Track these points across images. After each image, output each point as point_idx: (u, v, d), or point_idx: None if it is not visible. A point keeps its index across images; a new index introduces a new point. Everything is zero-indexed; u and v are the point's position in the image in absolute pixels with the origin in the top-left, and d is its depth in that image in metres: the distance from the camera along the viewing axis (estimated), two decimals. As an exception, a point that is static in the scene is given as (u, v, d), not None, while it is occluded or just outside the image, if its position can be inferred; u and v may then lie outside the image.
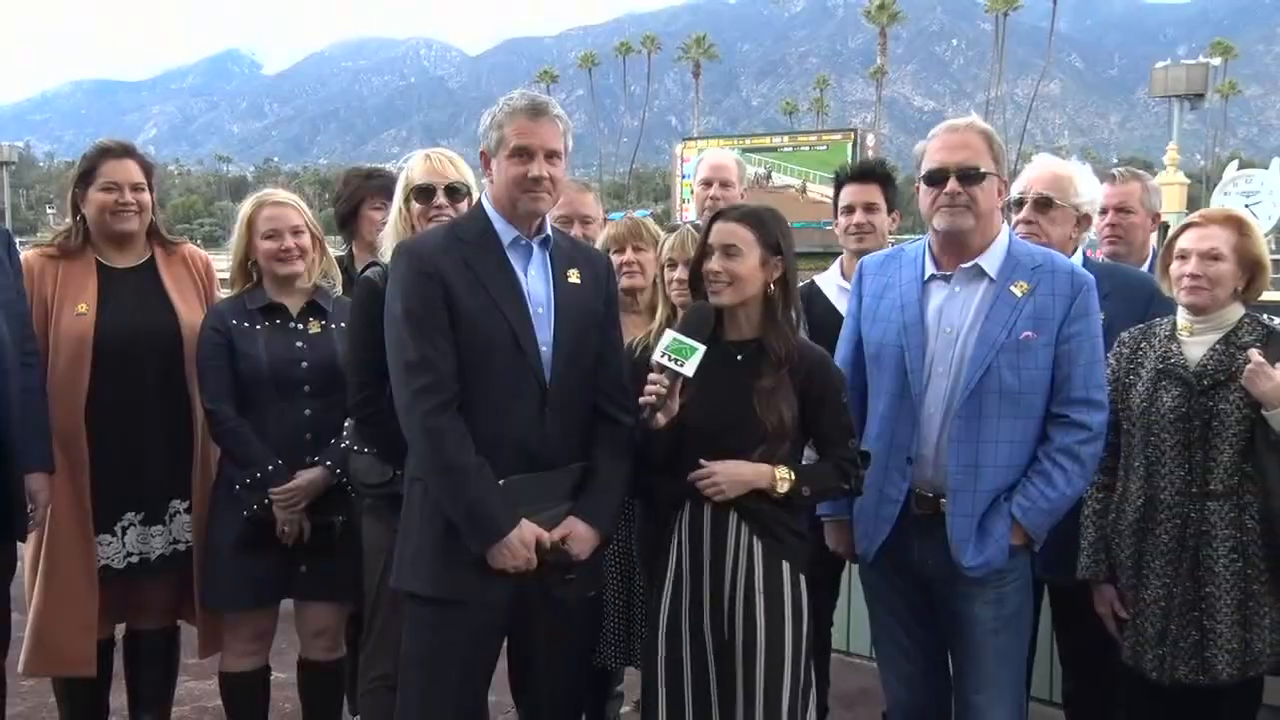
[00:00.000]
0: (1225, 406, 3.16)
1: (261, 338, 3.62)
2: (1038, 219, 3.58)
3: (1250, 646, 3.16)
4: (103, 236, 3.76)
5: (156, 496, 3.74)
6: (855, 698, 4.64)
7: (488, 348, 2.91)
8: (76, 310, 3.63)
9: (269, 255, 3.65)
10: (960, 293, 3.11)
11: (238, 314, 3.67)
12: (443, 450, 2.85)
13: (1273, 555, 3.15)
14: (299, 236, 3.66)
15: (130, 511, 3.71)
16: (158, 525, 3.75)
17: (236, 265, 3.74)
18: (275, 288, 3.70)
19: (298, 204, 3.77)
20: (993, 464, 3.02)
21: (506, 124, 2.96)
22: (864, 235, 4.02)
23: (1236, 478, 3.18)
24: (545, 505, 2.94)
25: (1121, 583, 3.29)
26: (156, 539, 3.75)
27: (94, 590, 3.65)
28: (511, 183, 2.95)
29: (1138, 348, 3.35)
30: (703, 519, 3.02)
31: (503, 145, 2.95)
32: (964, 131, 3.14)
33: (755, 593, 2.97)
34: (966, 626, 3.09)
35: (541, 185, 2.94)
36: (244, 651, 3.75)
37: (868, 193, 4.00)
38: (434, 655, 2.95)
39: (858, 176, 4.08)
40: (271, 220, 3.66)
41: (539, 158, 2.94)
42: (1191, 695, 3.24)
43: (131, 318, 3.70)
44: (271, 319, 3.66)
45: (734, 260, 2.99)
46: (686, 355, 2.90)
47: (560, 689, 3.20)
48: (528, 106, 2.97)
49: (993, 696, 3.10)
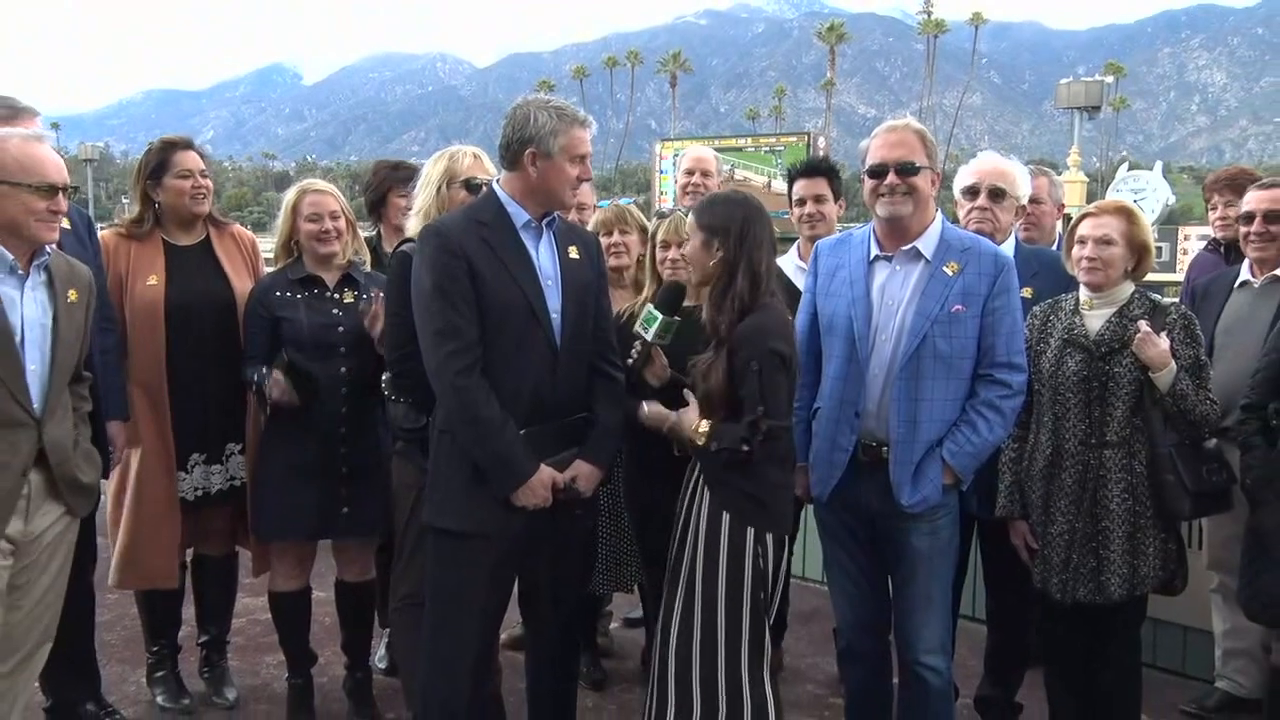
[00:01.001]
0: (1119, 370, 3.17)
1: (301, 306, 3.60)
2: (991, 207, 3.55)
3: (1137, 571, 3.18)
4: (173, 219, 3.76)
5: (216, 439, 3.76)
6: (810, 615, 4.68)
7: (506, 314, 2.89)
8: (148, 281, 3.64)
9: (310, 236, 3.64)
10: (900, 271, 3.09)
11: (280, 286, 3.65)
12: (471, 406, 2.83)
13: (1156, 495, 3.17)
14: (336, 220, 3.65)
15: (196, 452, 3.73)
16: (217, 464, 3.77)
17: (281, 244, 3.73)
18: (314, 263, 3.67)
19: (335, 192, 3.75)
20: (929, 419, 3.01)
21: (563, 132, 2.91)
22: (815, 223, 4.01)
23: (1128, 430, 3.19)
24: (557, 450, 2.94)
25: (1032, 519, 3.30)
26: (216, 476, 3.77)
27: (177, 515, 3.70)
28: (566, 182, 2.94)
29: (1047, 320, 3.35)
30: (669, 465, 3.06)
31: (562, 151, 2.91)
32: (901, 131, 3.11)
33: (700, 535, 2.97)
34: (905, 555, 3.09)
35: (582, 184, 3.00)
36: (288, 575, 3.75)
37: (816, 186, 3.97)
38: (461, 582, 2.95)
39: (807, 172, 4.05)
40: (314, 206, 3.65)
41: (587, 162, 2.97)
42: (1090, 611, 3.26)
43: (193, 287, 3.70)
44: (310, 290, 3.64)
45: (683, 247, 3.06)
46: (650, 323, 2.99)
47: (562, 608, 3.21)
48: (583, 119, 2.96)
49: (926, 614, 3.11)
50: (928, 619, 3.11)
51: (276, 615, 3.82)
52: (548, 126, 2.90)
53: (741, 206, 3.04)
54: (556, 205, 3.00)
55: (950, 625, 3.24)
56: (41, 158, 2.76)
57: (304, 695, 3.80)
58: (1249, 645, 3.93)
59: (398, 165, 4.18)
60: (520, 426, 2.87)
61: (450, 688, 2.98)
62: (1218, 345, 3.72)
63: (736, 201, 3.09)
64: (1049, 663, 3.54)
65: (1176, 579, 3.27)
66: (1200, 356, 3.22)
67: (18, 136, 2.80)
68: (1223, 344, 3.72)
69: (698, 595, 2.94)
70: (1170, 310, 3.27)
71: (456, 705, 2.99)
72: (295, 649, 3.82)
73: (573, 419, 3.01)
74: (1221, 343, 3.73)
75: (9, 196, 2.71)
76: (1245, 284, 3.84)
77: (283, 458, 3.60)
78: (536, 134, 2.91)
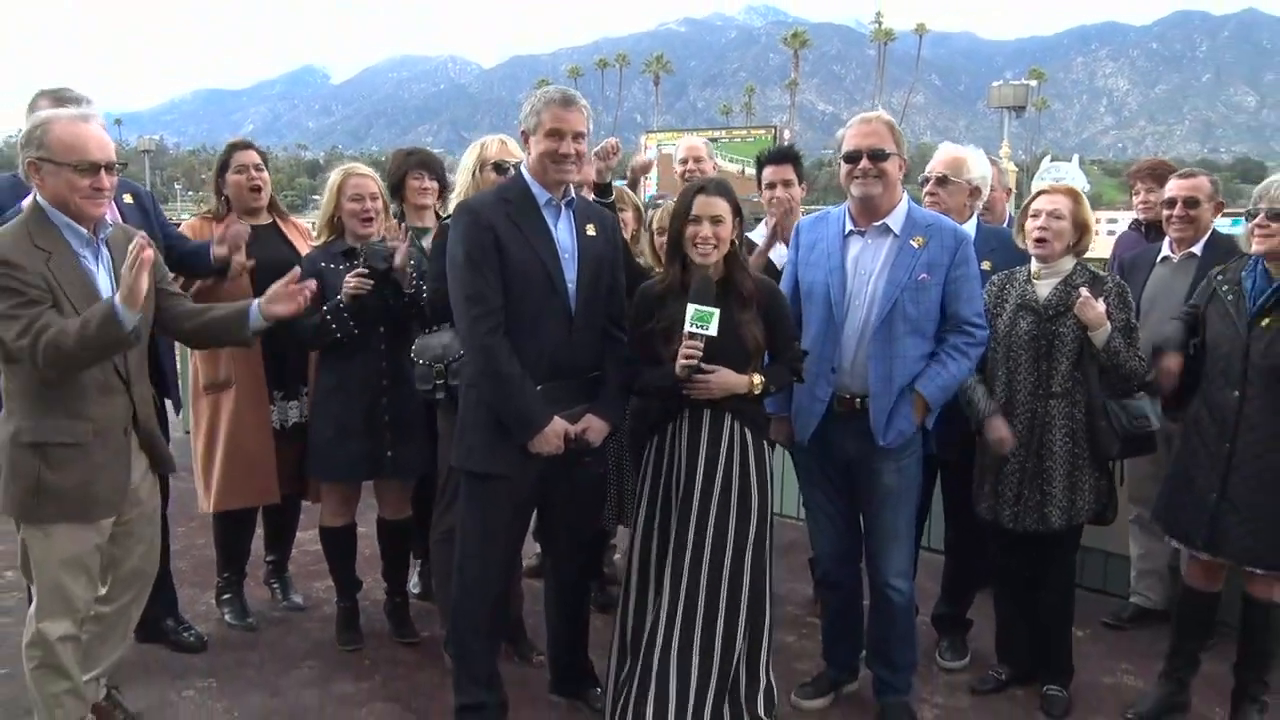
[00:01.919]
0: (1063, 330, 3.14)
1: (344, 274, 3.50)
2: (938, 191, 3.53)
3: (1075, 504, 3.18)
4: (240, 207, 3.75)
5: (292, 380, 3.74)
6: (786, 548, 4.64)
7: (528, 284, 2.82)
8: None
9: (352, 214, 3.57)
10: (872, 245, 3.05)
11: (326, 258, 3.58)
12: (494, 362, 2.77)
13: (1092, 438, 3.16)
14: (375, 201, 3.59)
15: (275, 390, 3.73)
16: (294, 401, 3.76)
17: (325, 220, 3.66)
18: (354, 238, 3.60)
19: (375, 176, 3.69)
20: (901, 373, 2.98)
21: (544, 111, 2.83)
22: (787, 204, 3.92)
23: (1070, 383, 3.16)
24: (570, 404, 2.89)
25: (986, 460, 3.28)
26: (292, 410, 3.76)
27: (272, 440, 3.69)
28: (545, 156, 2.83)
29: (1003, 288, 3.31)
30: (702, 421, 2.94)
31: (540, 127, 2.83)
32: (873, 122, 3.07)
33: (749, 465, 2.95)
34: (875, 493, 3.07)
35: (569, 160, 2.84)
36: (335, 512, 3.71)
37: (783, 171, 3.86)
38: (485, 517, 2.91)
39: (775, 159, 3.93)
40: (356, 188, 3.58)
41: (568, 138, 2.82)
42: (1033, 540, 3.26)
43: (268, 254, 3.65)
44: (350, 260, 3.55)
45: (720, 226, 2.88)
46: (708, 321, 2.80)
47: (575, 541, 3.19)
48: (560, 98, 2.86)
49: (894, 543, 3.10)
50: (895, 548, 3.10)
51: (326, 547, 3.79)
52: (532, 109, 2.87)
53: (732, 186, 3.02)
54: (550, 181, 2.88)
55: (913, 554, 3.23)
56: (85, 136, 2.56)
57: (351, 616, 3.79)
58: (1158, 566, 4.02)
59: (411, 151, 4.14)
60: (539, 383, 2.82)
61: (477, 608, 2.96)
62: (1143, 311, 3.69)
63: (729, 182, 3.05)
64: (998, 585, 3.54)
65: (1108, 511, 3.27)
66: (1131, 320, 3.20)
67: (65, 116, 2.61)
68: (1147, 310, 3.71)
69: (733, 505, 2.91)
70: (1106, 280, 3.25)
71: (483, 622, 2.98)
72: (343, 577, 3.79)
73: (585, 377, 2.95)
74: (1146, 309, 3.71)
75: (55, 175, 2.55)
76: (1166, 259, 3.83)
77: (334, 409, 3.54)
78: (526, 118, 2.88)
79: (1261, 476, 2.94)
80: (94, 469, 2.62)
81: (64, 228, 2.61)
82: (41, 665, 2.69)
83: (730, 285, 2.92)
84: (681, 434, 2.96)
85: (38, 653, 2.69)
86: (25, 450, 2.56)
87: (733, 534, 2.91)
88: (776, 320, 2.98)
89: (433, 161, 3.95)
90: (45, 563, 2.64)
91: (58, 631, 2.66)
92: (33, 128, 2.59)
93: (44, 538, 2.62)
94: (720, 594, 2.90)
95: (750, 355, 2.92)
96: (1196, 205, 3.72)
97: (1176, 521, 3.16)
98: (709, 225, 2.86)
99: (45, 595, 2.66)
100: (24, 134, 2.61)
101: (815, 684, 3.36)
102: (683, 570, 2.90)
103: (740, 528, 2.91)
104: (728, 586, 2.90)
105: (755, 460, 2.95)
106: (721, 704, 2.90)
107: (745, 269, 2.99)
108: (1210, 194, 3.75)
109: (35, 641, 2.68)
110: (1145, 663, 3.55)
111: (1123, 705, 3.33)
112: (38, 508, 2.58)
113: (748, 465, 2.94)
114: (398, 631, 3.77)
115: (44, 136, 2.55)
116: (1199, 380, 3.14)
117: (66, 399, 2.57)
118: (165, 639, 3.60)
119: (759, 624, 2.97)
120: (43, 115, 2.63)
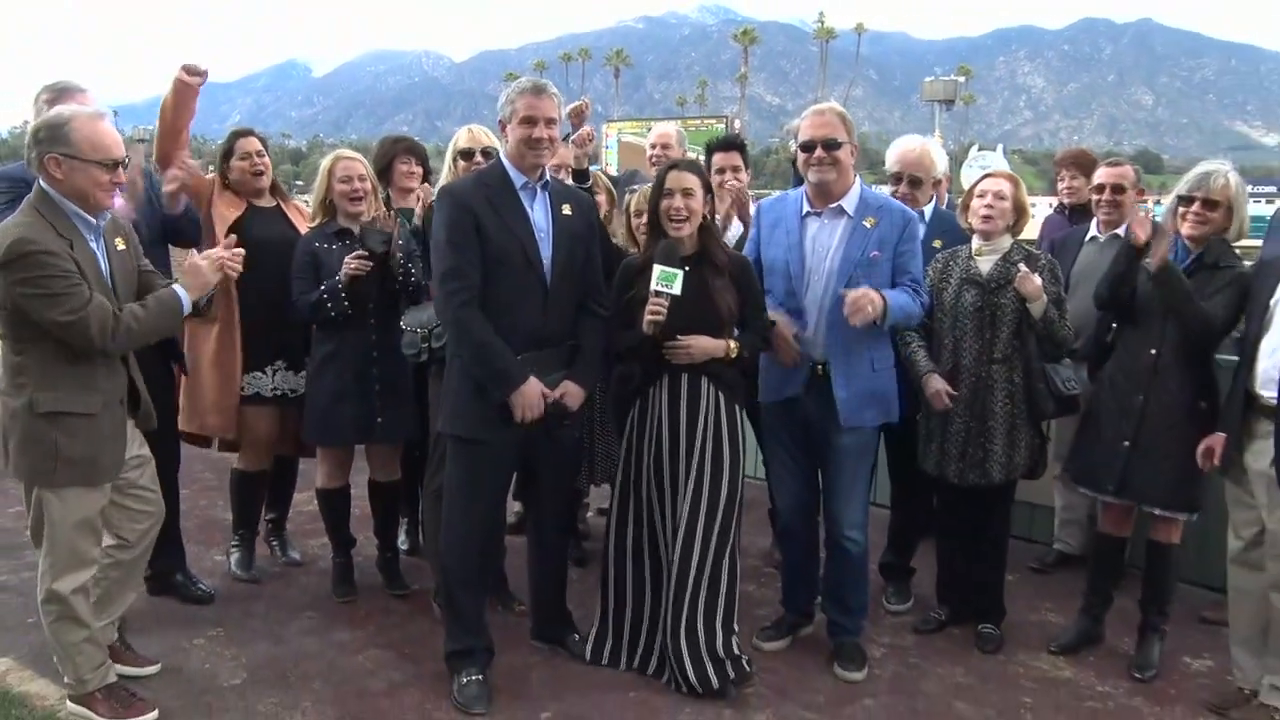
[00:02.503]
0: (1004, 302, 3.15)
1: (337, 253, 3.44)
2: (912, 192, 3.51)
3: (1013, 460, 3.21)
4: (245, 191, 3.66)
5: (296, 351, 3.63)
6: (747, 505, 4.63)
7: (505, 260, 2.77)
8: (231, 219, 3.56)
9: (342, 195, 3.49)
10: (828, 225, 3.03)
11: (320, 238, 3.50)
12: (468, 332, 2.74)
13: (1029, 399, 3.18)
14: (363, 182, 3.51)
15: (279, 359, 3.63)
16: (299, 371, 3.65)
17: (318, 202, 3.57)
18: (345, 218, 3.51)
19: (362, 159, 3.61)
20: (856, 339, 2.98)
21: (517, 100, 2.80)
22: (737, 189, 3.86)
23: (1010, 349, 3.18)
24: (548, 372, 2.84)
25: (933, 422, 3.28)
26: (296, 380, 3.65)
27: (235, 384, 3.58)
28: (520, 142, 2.79)
29: (947, 264, 3.31)
30: (680, 385, 2.94)
31: (514, 115, 2.79)
32: (826, 114, 3.06)
33: (723, 426, 2.94)
34: (834, 452, 3.07)
35: (542, 144, 2.79)
36: (331, 475, 3.65)
37: (731, 158, 3.77)
38: (469, 478, 2.88)
39: (723, 146, 3.83)
40: (345, 170, 3.50)
41: (540, 124, 2.77)
42: (974, 493, 3.28)
43: (273, 232, 3.58)
44: (343, 240, 3.48)
45: (691, 199, 2.88)
46: (672, 280, 2.78)
47: (556, 500, 3.16)
48: (532, 87, 2.82)
49: (850, 499, 3.11)
50: (851, 503, 3.10)
51: (323, 508, 3.73)
52: (507, 100, 2.84)
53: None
54: (526, 165, 2.82)
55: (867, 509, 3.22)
56: (106, 135, 2.56)
57: (346, 570, 3.72)
58: (1079, 516, 4.09)
59: (398, 139, 4.10)
60: (517, 353, 2.77)
61: (465, 561, 2.93)
62: (1072, 286, 3.71)
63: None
64: (940, 535, 3.56)
65: (1039, 466, 3.30)
66: (1061, 293, 3.23)
67: (84, 115, 2.58)
68: (1075, 285, 3.72)
69: (708, 464, 2.91)
70: (1040, 257, 3.27)
71: (470, 574, 2.95)
72: (338, 535, 3.73)
73: (562, 347, 2.91)
74: (1074, 284, 3.73)
75: (80, 170, 2.52)
76: (1093, 239, 3.85)
77: (327, 379, 3.47)
78: (502, 108, 2.86)
79: (1170, 423, 3.01)
80: (101, 437, 2.62)
81: (74, 216, 2.58)
82: (60, 619, 2.67)
83: (705, 256, 2.92)
84: (661, 397, 2.95)
85: (55, 607, 2.66)
86: (41, 420, 2.54)
87: (707, 490, 2.90)
88: (747, 290, 2.97)
89: (418, 148, 3.93)
90: (61, 524, 2.61)
91: (71, 585, 2.64)
92: (53, 125, 2.53)
93: (59, 502, 2.60)
94: (694, 547, 2.89)
95: (723, 320, 2.90)
96: (1122, 191, 3.75)
97: (1088, 470, 3.20)
98: (681, 198, 2.87)
99: (60, 554, 2.63)
100: (41, 129, 2.54)
101: (775, 627, 3.36)
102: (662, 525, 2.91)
103: (714, 484, 2.91)
104: (700, 540, 2.89)
105: (729, 421, 2.95)
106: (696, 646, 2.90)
107: (719, 242, 3.00)
108: (1134, 181, 3.80)
109: (51, 597, 2.65)
110: (1066, 602, 3.61)
111: (1047, 639, 3.38)
112: (54, 473, 2.57)
113: (720, 426, 2.93)
114: (389, 584, 3.72)
115: (69, 134, 2.51)
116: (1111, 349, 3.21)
117: (81, 374, 2.57)
118: (175, 592, 3.56)
119: (731, 574, 2.97)
120: (63, 113, 2.58)
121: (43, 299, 2.44)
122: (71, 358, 2.54)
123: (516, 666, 3.09)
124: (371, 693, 2.95)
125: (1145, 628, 3.23)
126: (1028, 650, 3.33)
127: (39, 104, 3.04)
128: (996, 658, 3.28)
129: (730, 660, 2.93)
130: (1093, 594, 3.35)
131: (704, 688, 2.88)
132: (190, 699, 2.89)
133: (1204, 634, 3.44)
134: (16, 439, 2.57)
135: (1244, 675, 2.95)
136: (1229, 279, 2.96)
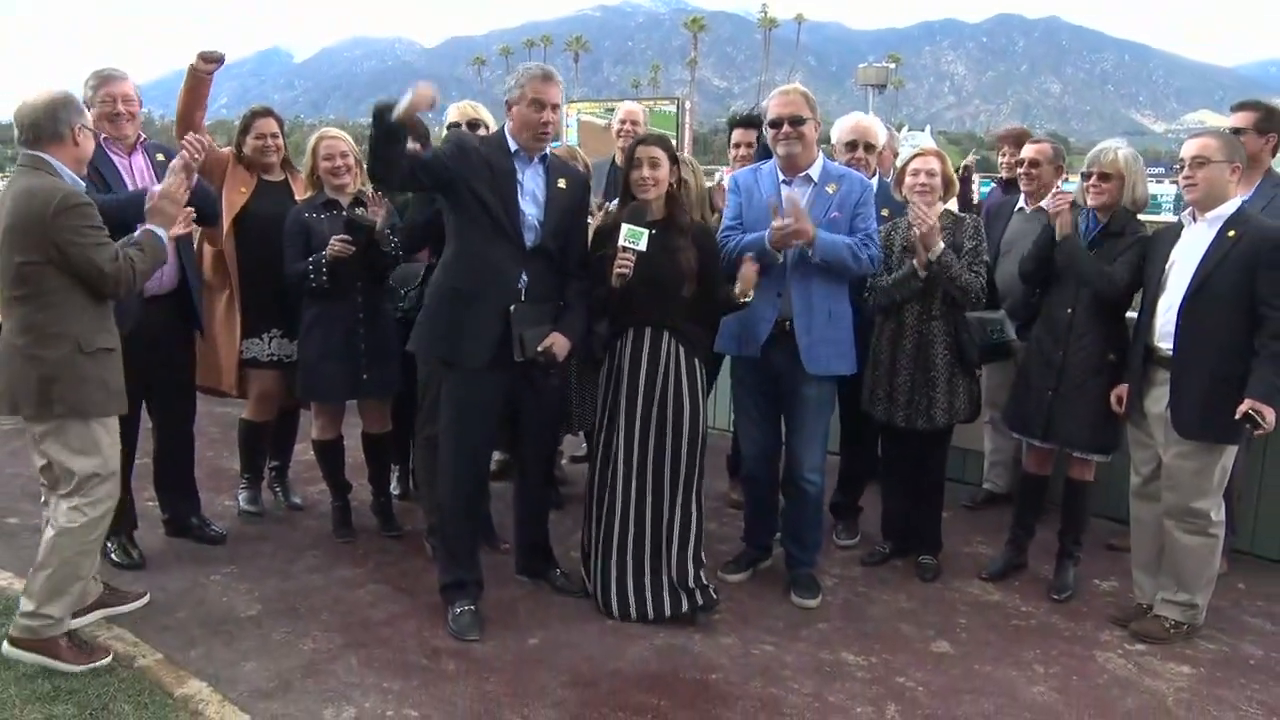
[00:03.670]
0: None
1: (326, 223, 3.38)
2: (866, 156, 3.56)
3: (954, 406, 3.27)
4: (259, 165, 3.59)
5: (292, 319, 3.54)
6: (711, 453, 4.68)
7: (483, 213, 2.77)
8: (239, 190, 3.55)
9: (326, 171, 3.44)
10: (798, 191, 3.06)
11: (309, 210, 3.45)
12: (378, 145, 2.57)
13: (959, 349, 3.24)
14: (345, 159, 3.46)
15: (275, 328, 3.58)
16: (294, 339, 3.57)
17: (307, 176, 3.53)
18: (332, 191, 3.46)
19: (345, 137, 3.56)
20: (819, 294, 3.03)
21: (527, 85, 2.78)
22: (747, 160, 3.90)
23: (945, 306, 3.23)
24: (537, 325, 2.84)
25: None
26: (292, 346, 3.58)
27: (234, 347, 3.58)
28: (528, 125, 2.78)
29: (889, 234, 3.34)
30: (644, 339, 2.95)
31: (524, 99, 2.77)
32: (791, 94, 3.09)
33: (683, 378, 2.96)
34: (798, 401, 3.11)
35: (549, 128, 2.79)
36: (324, 428, 3.63)
37: (748, 135, 3.87)
38: (462, 412, 2.87)
39: (744, 124, 3.98)
40: (328, 148, 3.45)
41: (548, 109, 2.77)
42: (917, 437, 3.34)
43: (275, 205, 3.52)
44: (331, 211, 3.42)
45: (658, 169, 2.89)
46: (638, 238, 2.79)
47: (540, 445, 3.17)
48: (542, 74, 2.81)
49: (810, 444, 3.15)
50: (811, 448, 3.15)
51: (319, 458, 3.70)
52: (517, 82, 2.81)
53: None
54: (528, 144, 2.81)
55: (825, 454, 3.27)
56: None
57: (344, 514, 3.70)
58: (1005, 459, 4.19)
59: None
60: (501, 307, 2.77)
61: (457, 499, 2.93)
62: (1002, 252, 3.79)
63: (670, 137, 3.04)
64: (885, 475, 3.63)
65: (978, 411, 3.38)
66: (980, 247, 3.24)
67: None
68: (1004, 251, 3.79)
69: (669, 413, 2.93)
70: (965, 219, 3.32)
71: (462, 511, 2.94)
72: (335, 482, 3.71)
73: (549, 304, 2.89)
74: (1004, 250, 3.80)
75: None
76: (1020, 210, 3.90)
77: (316, 340, 3.43)
78: (511, 90, 2.82)
79: (1086, 374, 3.10)
80: (120, 369, 2.66)
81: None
82: (85, 553, 2.61)
83: (670, 221, 2.95)
84: (625, 350, 2.96)
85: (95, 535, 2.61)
86: (89, 359, 2.54)
87: (669, 437, 2.94)
88: (707, 253, 2.99)
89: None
90: (110, 451, 2.62)
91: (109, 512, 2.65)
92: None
93: (106, 431, 2.62)
94: (664, 490, 2.94)
95: (684, 275, 2.91)
96: (1037, 166, 3.80)
97: (1020, 417, 3.29)
98: (648, 168, 2.89)
99: (108, 482, 2.62)
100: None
101: (737, 561, 3.42)
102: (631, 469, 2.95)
103: (676, 432, 2.94)
104: (669, 483, 2.94)
105: (688, 374, 2.96)
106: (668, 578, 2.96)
107: (684, 209, 3.03)
108: (1050, 158, 3.83)
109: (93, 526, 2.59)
110: (994, 535, 3.72)
111: (978, 568, 3.49)
112: (108, 403, 2.60)
113: (681, 378, 2.95)
114: (384, 526, 3.70)
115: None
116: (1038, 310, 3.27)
117: (104, 314, 2.61)
118: (190, 534, 3.54)
119: (699, 514, 3.01)
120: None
121: (94, 247, 2.47)
122: (97, 301, 2.56)
123: (504, 599, 3.10)
124: (374, 622, 2.96)
125: (1062, 555, 3.36)
126: (962, 578, 3.43)
127: (86, 88, 3.13)
128: (935, 585, 3.37)
129: (700, 590, 2.98)
130: (1018, 527, 3.47)
131: (675, 614, 2.94)
132: (211, 628, 2.89)
133: (1110, 559, 3.59)
134: (68, 381, 2.51)
135: (1142, 593, 3.11)
136: (1130, 243, 3.05)
